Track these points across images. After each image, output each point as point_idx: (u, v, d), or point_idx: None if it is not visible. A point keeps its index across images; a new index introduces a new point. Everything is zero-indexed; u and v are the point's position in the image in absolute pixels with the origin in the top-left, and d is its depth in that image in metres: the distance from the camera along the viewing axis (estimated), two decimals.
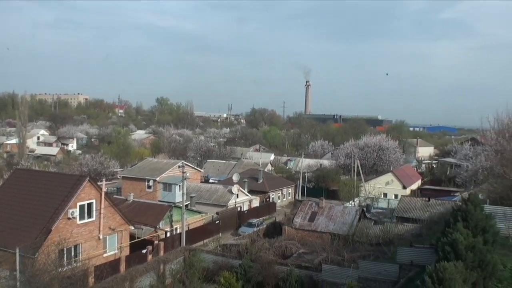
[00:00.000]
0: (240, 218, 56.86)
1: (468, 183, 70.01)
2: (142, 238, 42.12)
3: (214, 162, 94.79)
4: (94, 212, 36.05)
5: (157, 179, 60.01)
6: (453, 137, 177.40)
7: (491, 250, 22.11)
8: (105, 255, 37.09)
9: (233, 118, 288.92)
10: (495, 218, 27.28)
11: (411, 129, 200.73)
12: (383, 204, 65.76)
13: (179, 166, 52.77)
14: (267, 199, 69.52)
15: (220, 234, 51.26)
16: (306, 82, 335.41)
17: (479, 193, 39.67)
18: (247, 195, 63.93)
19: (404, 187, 76.44)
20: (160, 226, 45.61)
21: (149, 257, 37.52)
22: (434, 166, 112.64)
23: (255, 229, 51.68)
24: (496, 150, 43.39)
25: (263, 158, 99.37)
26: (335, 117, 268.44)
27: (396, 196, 71.45)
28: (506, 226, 30.03)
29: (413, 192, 75.21)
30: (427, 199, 54.42)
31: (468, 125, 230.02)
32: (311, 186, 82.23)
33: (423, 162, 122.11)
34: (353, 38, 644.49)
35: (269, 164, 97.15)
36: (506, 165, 37.12)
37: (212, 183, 72.96)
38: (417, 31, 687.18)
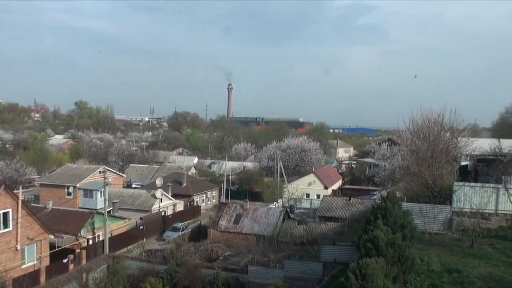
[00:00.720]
0: (164, 222, 56.13)
1: (386, 182, 72.74)
2: (63, 247, 40.58)
3: (136, 167, 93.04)
4: (10, 222, 34.34)
5: (78, 185, 58.04)
6: (371, 138, 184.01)
7: (409, 245, 23.12)
8: (23, 266, 35.47)
9: (155, 122, 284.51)
10: (412, 214, 28.53)
11: (331, 130, 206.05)
12: (306, 204, 67.06)
13: (100, 172, 51.30)
14: (192, 203, 69.09)
15: (144, 239, 50.35)
16: (229, 85, 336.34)
17: (397, 191, 41.33)
18: (171, 199, 63.19)
19: (326, 187, 78.40)
20: (82, 234, 44.15)
21: (71, 266, 36.19)
22: (354, 166, 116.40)
23: (180, 233, 51.19)
24: (412, 150, 45.25)
25: (186, 162, 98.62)
26: (258, 119, 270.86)
27: (318, 196, 73.09)
28: (422, 222, 31.46)
29: (334, 192, 77.32)
30: (348, 198, 56.08)
31: (385, 127, 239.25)
32: (235, 189, 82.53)
33: (343, 162, 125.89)
34: (275, 42, 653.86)
35: (193, 167, 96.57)
36: (421, 164, 38.83)
37: (135, 188, 71.59)
38: (336, 36, 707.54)
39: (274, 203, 63.82)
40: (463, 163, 54.57)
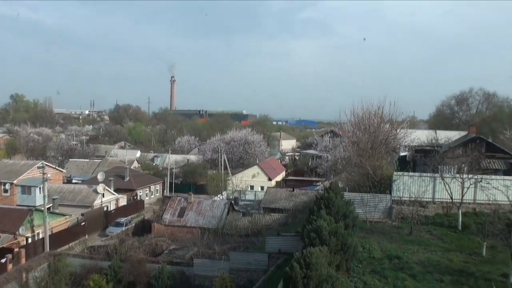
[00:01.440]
0: (107, 218, 55.08)
1: (329, 172, 74.04)
2: (0, 246, 39.13)
3: (77, 162, 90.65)
4: None
5: (14, 181, 55.96)
6: (313, 130, 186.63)
7: (351, 234, 23.74)
8: None
9: (96, 115, 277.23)
10: (354, 204, 29.29)
11: (275, 123, 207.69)
12: (250, 196, 67.43)
13: (38, 167, 49.83)
14: (135, 197, 68.13)
15: (86, 236, 49.28)
16: (171, 77, 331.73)
17: (339, 182, 42.29)
18: (114, 194, 62.06)
19: (270, 179, 79.12)
20: (20, 232, 42.71)
21: (9, 266, 35.02)
22: (297, 158, 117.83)
23: (123, 228, 50.41)
24: (353, 141, 46.27)
25: (129, 156, 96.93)
26: (201, 112, 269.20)
27: (262, 188, 73.67)
28: (363, 211, 32.32)
29: (278, 184, 78.09)
30: (292, 189, 56.73)
31: (327, 119, 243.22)
32: (179, 182, 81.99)
33: (287, 154, 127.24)
34: (219, 35, 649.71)
35: (136, 161, 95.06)
36: (362, 155, 39.83)
37: (76, 183, 69.83)
38: (280, 29, 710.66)
39: (219, 196, 63.85)
40: (402, 154, 56.38)
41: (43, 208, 42.40)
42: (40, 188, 49.63)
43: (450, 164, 38.90)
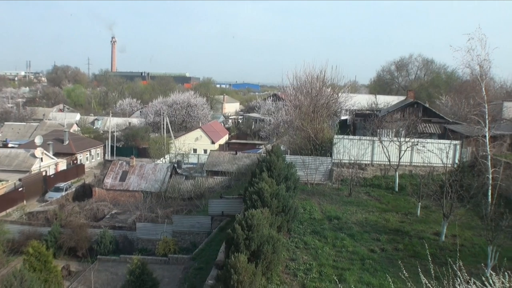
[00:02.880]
0: (46, 183, 53.63)
1: (271, 136, 74.58)
2: None
3: (13, 125, 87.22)
4: None
5: None
6: (257, 93, 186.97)
7: (292, 196, 24.18)
8: None
9: (32, 77, 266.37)
10: (295, 166, 29.79)
11: (218, 86, 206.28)
12: (193, 159, 67.22)
13: None
14: (75, 161, 66.52)
15: (25, 202, 47.81)
16: (112, 38, 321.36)
17: (281, 145, 42.79)
18: (53, 158, 60.36)
19: (213, 142, 79.03)
20: None
21: None
22: (240, 121, 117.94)
23: (63, 193, 49.23)
24: (295, 105, 46.74)
25: (68, 119, 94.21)
26: (143, 74, 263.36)
27: (205, 151, 73.53)
28: (305, 173, 32.93)
29: (221, 147, 78.24)
30: (235, 152, 57.00)
31: (270, 82, 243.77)
32: (120, 146, 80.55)
33: (230, 117, 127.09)
34: None
35: (75, 124, 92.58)
36: (303, 118, 40.32)
37: (12, 147, 67.25)
38: None
39: (161, 159, 63.29)
40: (342, 118, 57.46)
41: None
42: None
43: (388, 128, 40.04)
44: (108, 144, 76.85)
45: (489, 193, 26.99)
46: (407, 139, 33.38)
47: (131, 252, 32.21)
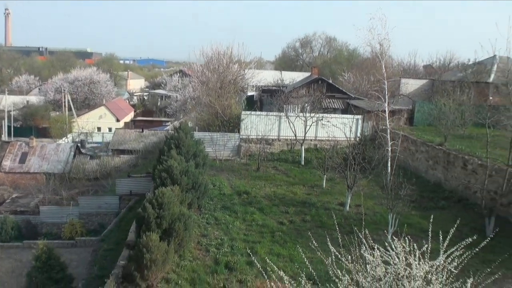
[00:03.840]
0: None
1: (178, 112, 73.91)
2: None
3: None
4: None
5: None
6: (162, 69, 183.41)
7: (202, 172, 24.19)
8: None
9: None
10: (204, 143, 29.80)
11: (122, 62, 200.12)
12: (98, 138, 65.32)
13: None
14: None
15: None
16: (5, 9, 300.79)
17: (189, 121, 42.48)
18: None
19: (118, 120, 77.03)
20: None
21: None
22: (146, 98, 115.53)
23: None
24: (202, 81, 46.52)
25: None
26: (41, 49, 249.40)
27: (110, 129, 71.58)
28: (213, 150, 33.02)
29: (126, 125, 76.21)
30: (141, 130, 55.95)
31: (176, 59, 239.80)
32: (18, 126, 76.17)
33: (135, 94, 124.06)
34: None
35: None
36: (211, 94, 40.24)
37: None
38: None
39: (64, 139, 60.78)
40: (249, 94, 57.88)
41: None
42: None
43: (294, 103, 40.96)
44: (4, 124, 72.36)
45: (389, 165, 28.54)
46: (312, 114, 34.33)
47: (36, 237, 30.74)
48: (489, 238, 10.19)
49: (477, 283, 8.71)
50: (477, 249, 9.21)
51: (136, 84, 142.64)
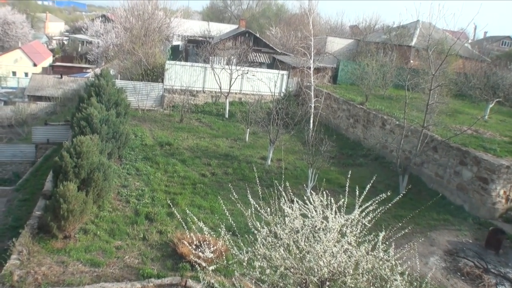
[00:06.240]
0: None
1: (100, 59, 71.33)
2: None
3: None
4: None
5: None
6: (84, 13, 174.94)
7: (123, 122, 23.59)
8: None
9: None
10: (126, 92, 28.97)
11: (40, 2, 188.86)
12: (13, 83, 61.97)
13: None
14: None
15: None
16: None
17: (111, 69, 41.09)
18: None
19: (35, 65, 73.28)
20: None
21: None
22: (65, 43, 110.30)
23: None
24: (126, 27, 44.97)
25: None
26: None
27: (26, 74, 68.09)
28: (136, 99, 32.29)
29: (44, 70, 72.66)
30: (60, 76, 53.58)
31: (98, 3, 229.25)
32: None
33: (54, 38, 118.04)
34: None
35: None
36: (135, 42, 39.03)
37: None
38: None
39: None
40: (175, 43, 56.66)
41: None
42: None
43: (220, 55, 40.56)
44: None
45: (311, 121, 29.15)
46: (238, 68, 34.19)
47: None
48: (401, 195, 10.70)
49: (388, 236, 9.15)
50: (390, 205, 9.65)
51: (55, 27, 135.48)
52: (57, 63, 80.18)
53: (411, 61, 42.40)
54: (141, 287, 12.25)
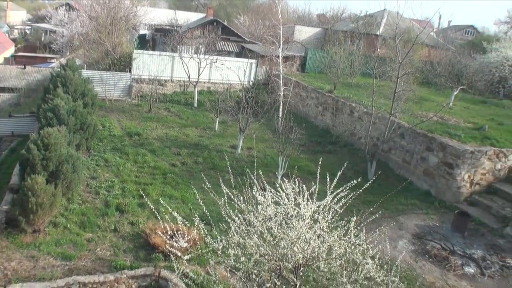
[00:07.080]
0: None
1: (65, 49, 69.92)
2: None
3: None
4: None
5: None
6: (47, 1, 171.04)
7: (91, 113, 23.24)
8: None
9: None
10: (93, 82, 28.55)
11: None
12: None
13: None
14: None
15: None
16: None
17: (76, 59, 40.39)
18: None
19: None
20: None
21: None
22: (28, 32, 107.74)
23: None
24: (91, 16, 44.23)
25: None
26: None
27: None
28: (103, 89, 31.84)
29: (6, 60, 70.89)
30: (23, 66, 52.33)
31: None
32: None
33: (15, 27, 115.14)
34: None
35: None
36: (100, 31, 38.42)
37: None
38: None
39: None
40: (142, 32, 55.98)
41: None
42: None
43: (188, 44, 40.28)
44: None
45: (280, 109, 29.28)
46: (206, 56, 34.02)
47: None
48: (370, 181, 10.87)
49: (359, 221, 9.32)
50: (360, 191, 9.81)
51: (17, 16, 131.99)
52: (20, 53, 78.25)
53: (378, 50, 42.89)
54: (114, 279, 12.13)
